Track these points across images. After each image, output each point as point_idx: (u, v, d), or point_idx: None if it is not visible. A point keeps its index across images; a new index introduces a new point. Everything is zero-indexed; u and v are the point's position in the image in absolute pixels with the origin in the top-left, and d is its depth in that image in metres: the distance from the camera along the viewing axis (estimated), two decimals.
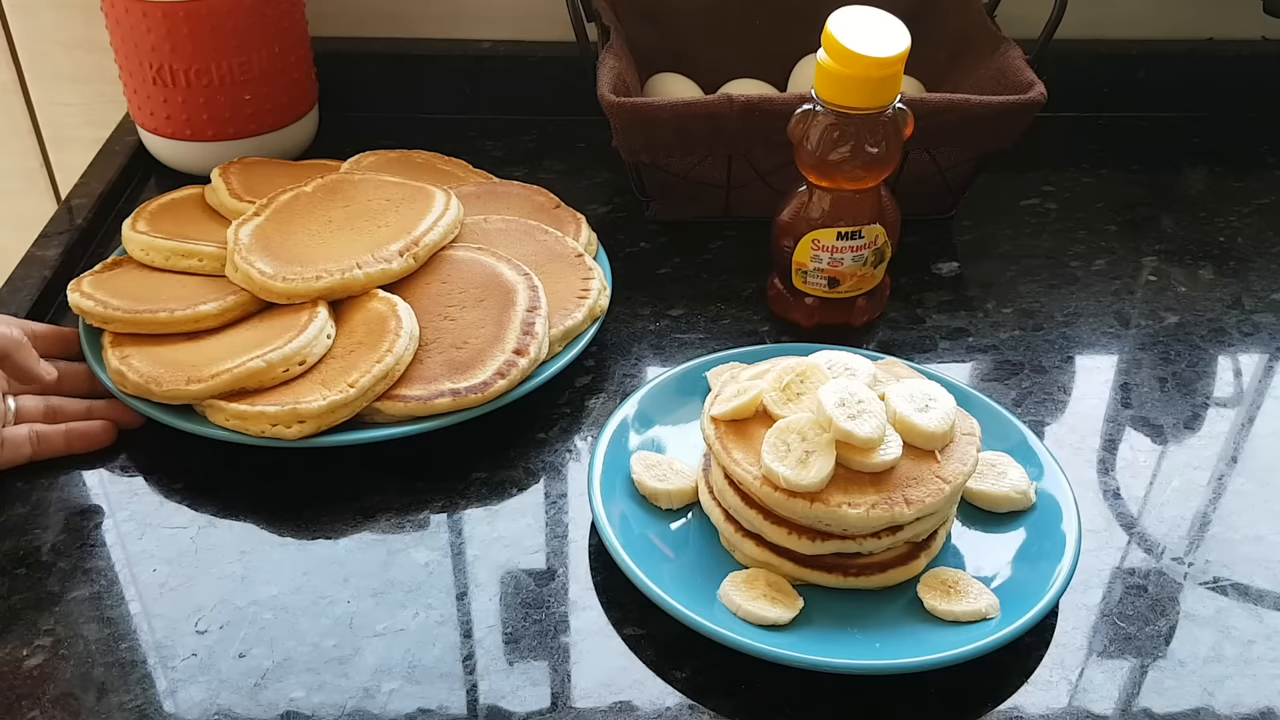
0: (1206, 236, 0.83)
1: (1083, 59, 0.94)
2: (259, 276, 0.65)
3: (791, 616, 0.52)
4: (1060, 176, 0.89)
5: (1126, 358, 0.71)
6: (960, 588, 0.53)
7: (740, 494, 0.54)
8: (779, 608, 0.52)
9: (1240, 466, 0.63)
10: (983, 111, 0.74)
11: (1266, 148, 0.94)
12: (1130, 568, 0.57)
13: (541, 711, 0.49)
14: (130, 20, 0.78)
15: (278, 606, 0.54)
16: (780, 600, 0.52)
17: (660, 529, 0.56)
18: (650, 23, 0.87)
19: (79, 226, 0.77)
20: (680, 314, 0.73)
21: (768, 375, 0.56)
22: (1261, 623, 0.54)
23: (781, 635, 0.51)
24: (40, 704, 0.49)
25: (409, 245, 0.67)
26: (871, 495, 0.51)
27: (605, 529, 0.54)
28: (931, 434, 0.53)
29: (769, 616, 0.51)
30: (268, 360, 0.60)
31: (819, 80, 0.65)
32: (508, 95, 0.93)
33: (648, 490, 0.58)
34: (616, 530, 0.54)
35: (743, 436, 0.54)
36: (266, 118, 0.83)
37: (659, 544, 0.55)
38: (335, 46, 0.91)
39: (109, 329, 0.65)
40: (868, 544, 0.52)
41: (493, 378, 0.61)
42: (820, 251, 0.68)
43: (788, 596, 0.52)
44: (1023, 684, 0.51)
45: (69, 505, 0.59)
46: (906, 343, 0.71)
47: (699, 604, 0.51)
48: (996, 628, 0.51)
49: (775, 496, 0.51)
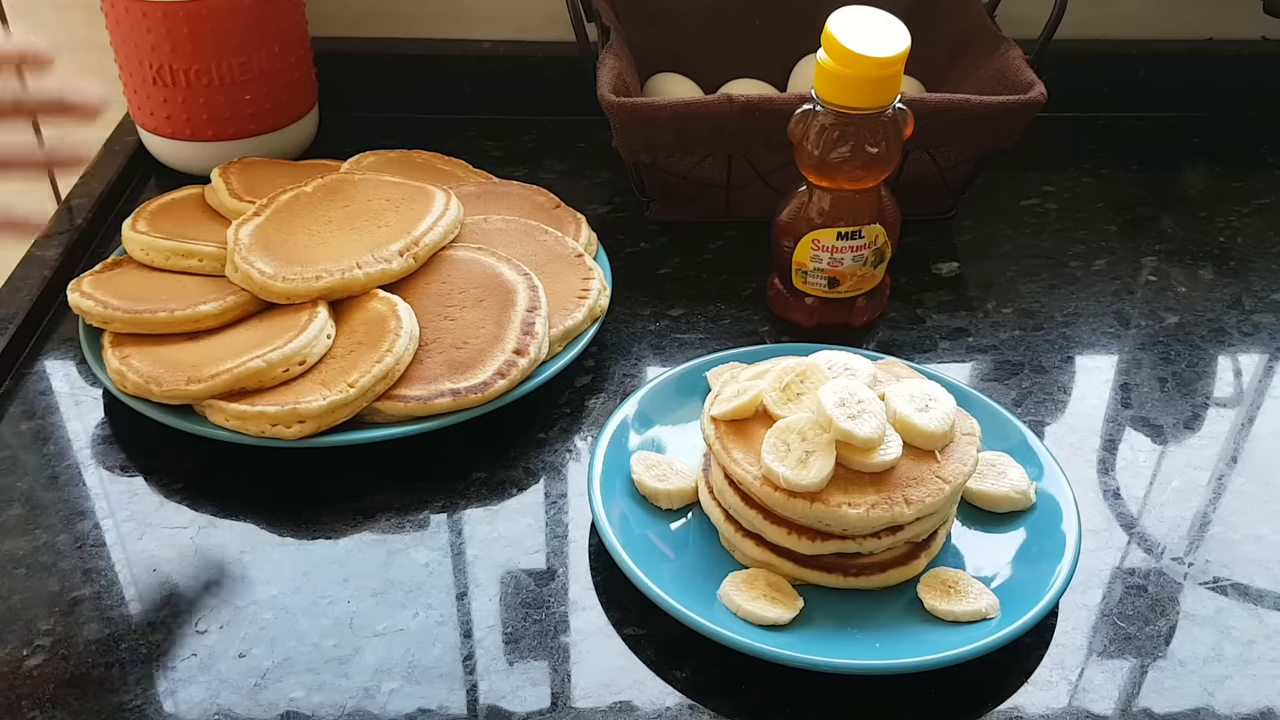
0: (1206, 236, 0.83)
1: (1083, 59, 0.94)
2: (259, 276, 0.65)
3: (791, 616, 0.52)
4: (1060, 176, 0.89)
5: (1126, 358, 0.71)
6: (960, 588, 0.53)
7: (740, 494, 0.54)
8: (779, 608, 0.52)
9: (1240, 466, 0.63)
10: (983, 111, 0.74)
11: (1266, 148, 0.94)
12: (1130, 568, 0.57)
13: (541, 711, 0.49)
14: (130, 20, 0.78)
15: (278, 606, 0.54)
16: (780, 600, 0.52)
17: (660, 529, 0.56)
18: (650, 23, 0.87)
19: (79, 226, 0.77)
20: (680, 314, 0.73)
21: (768, 375, 0.56)
22: (1261, 623, 0.54)
23: (781, 635, 0.51)
24: (40, 704, 0.49)
25: (409, 245, 0.67)
26: (871, 495, 0.51)
27: (605, 529, 0.54)
28: (931, 434, 0.53)
29: (769, 616, 0.51)
30: (268, 360, 0.60)
31: (819, 80, 0.65)
32: (508, 95, 0.93)
33: (648, 490, 0.58)
34: (616, 530, 0.54)
35: (743, 436, 0.54)
36: (266, 118, 0.83)
37: (659, 544, 0.55)
38: (335, 46, 0.91)
39: (109, 329, 0.65)
40: (868, 544, 0.52)
41: (493, 378, 0.61)
42: (820, 251, 0.68)
43: (788, 596, 0.52)
44: (1023, 684, 0.51)
45: (69, 505, 0.59)
46: (906, 343, 0.71)
47: (699, 604, 0.51)
48: (996, 628, 0.51)
49: (775, 496, 0.51)
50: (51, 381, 0.67)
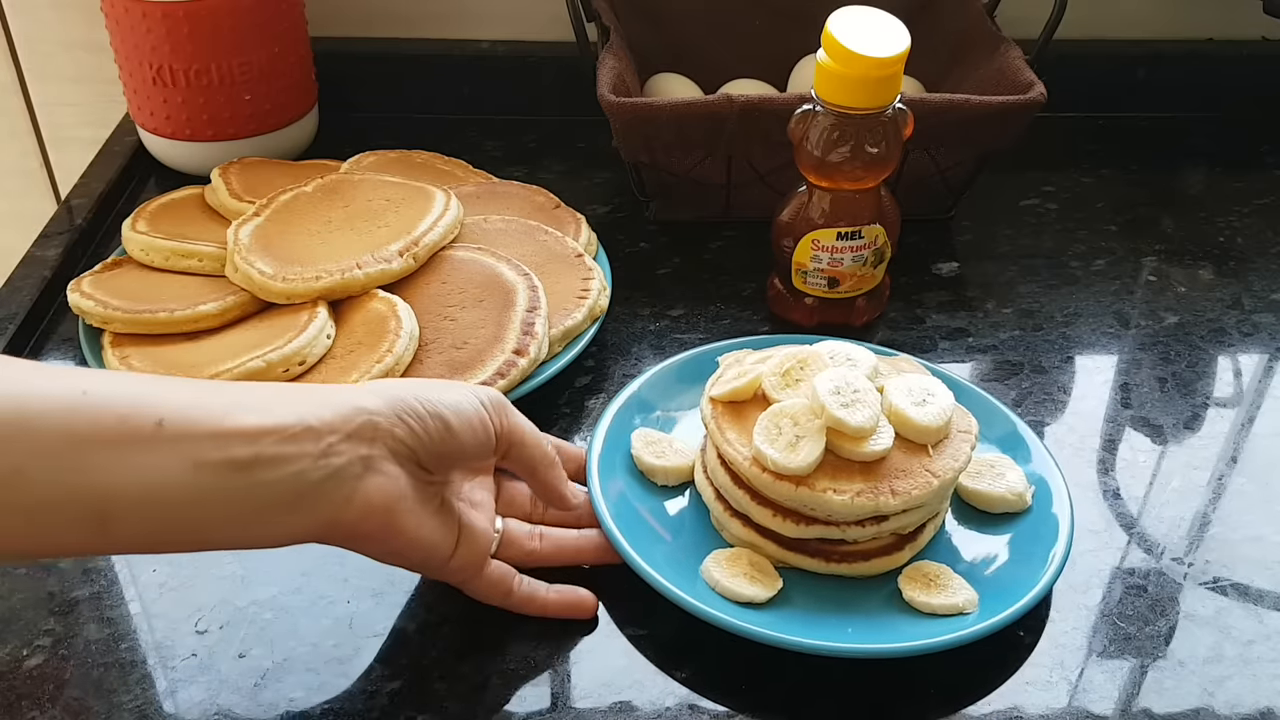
0: (1206, 236, 0.83)
1: (1083, 59, 0.94)
2: (259, 276, 0.65)
3: (769, 596, 0.52)
4: (1060, 176, 0.89)
5: (1126, 358, 0.71)
6: (941, 581, 0.53)
7: (730, 473, 0.54)
8: (756, 586, 0.52)
9: (1240, 466, 0.63)
10: (983, 111, 0.74)
11: (1266, 148, 0.94)
12: (1130, 568, 0.57)
13: (541, 711, 0.49)
14: (130, 20, 0.78)
15: (278, 606, 0.54)
16: (759, 580, 0.52)
17: (654, 505, 0.57)
18: (650, 23, 0.87)
19: (79, 226, 0.77)
20: (680, 314, 0.73)
21: (770, 360, 0.56)
22: (1261, 623, 0.54)
23: (754, 612, 0.51)
24: (40, 704, 0.49)
25: (409, 245, 0.67)
26: (858, 483, 0.51)
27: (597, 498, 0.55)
28: (925, 428, 0.53)
29: (745, 594, 0.51)
30: (268, 360, 0.60)
31: (819, 80, 0.65)
32: (508, 95, 0.93)
33: (645, 466, 0.58)
34: (610, 505, 0.55)
35: (739, 418, 0.54)
36: (266, 118, 0.83)
37: (650, 519, 0.56)
38: (335, 46, 0.91)
39: (109, 329, 0.65)
40: (851, 531, 0.52)
41: (492, 378, 0.61)
42: (820, 252, 0.68)
43: (767, 576, 0.53)
44: (1022, 684, 0.51)
45: None
46: (906, 343, 0.71)
47: (682, 580, 0.52)
48: (973, 622, 0.51)
49: (762, 478, 0.51)
50: None
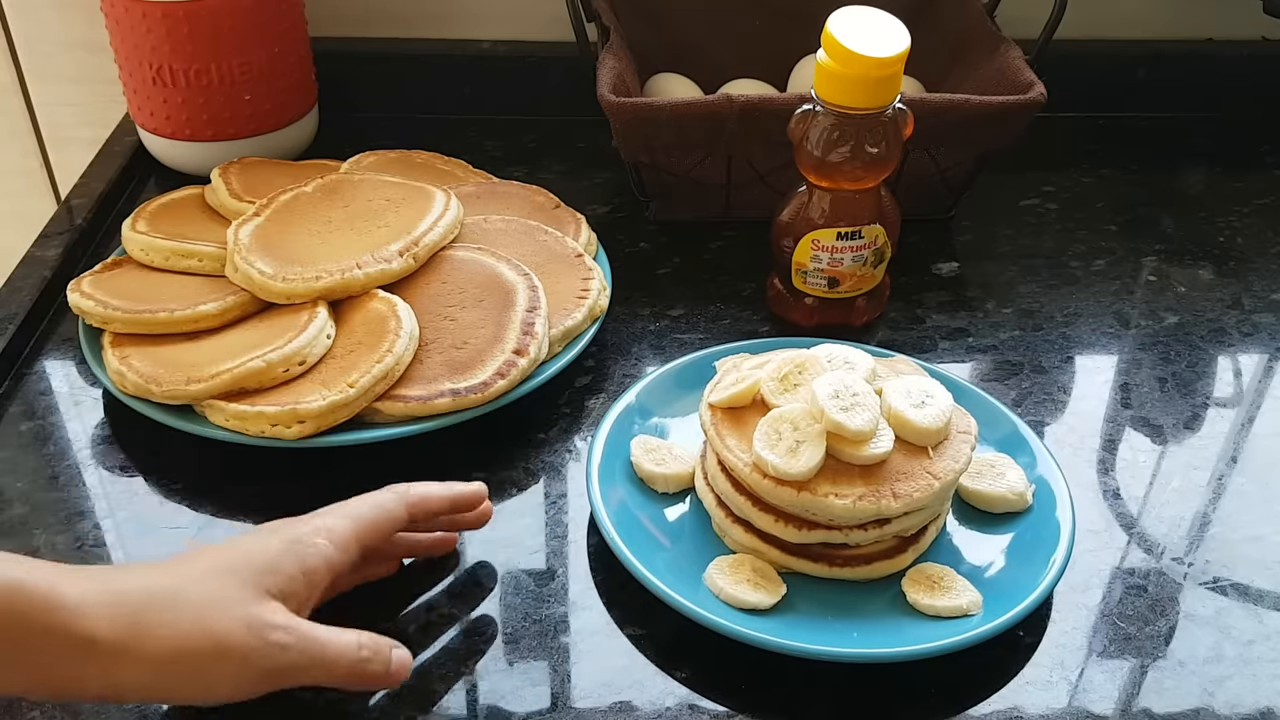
0: (1206, 236, 0.83)
1: (1083, 59, 0.94)
2: (259, 276, 0.65)
3: (773, 602, 0.52)
4: (1060, 176, 0.89)
5: (1126, 358, 0.71)
6: (945, 583, 0.53)
7: (731, 480, 0.54)
8: (760, 593, 0.52)
9: (1240, 466, 0.63)
10: (983, 111, 0.74)
11: (1266, 148, 0.94)
12: (1130, 568, 0.57)
13: (541, 711, 0.49)
14: (130, 20, 0.78)
15: None
16: (763, 586, 0.52)
17: (654, 512, 0.57)
18: (650, 23, 0.87)
19: (79, 226, 0.77)
20: (680, 314, 0.73)
21: (767, 365, 0.56)
22: (1261, 623, 0.54)
23: (759, 619, 0.51)
24: (40, 704, 0.49)
25: (409, 245, 0.67)
26: (860, 487, 0.51)
27: (599, 508, 0.55)
28: (925, 430, 0.53)
29: (749, 600, 0.51)
30: (268, 360, 0.60)
31: (819, 80, 0.65)
32: (508, 95, 0.93)
33: (645, 473, 0.58)
34: (612, 512, 0.55)
35: (738, 424, 0.54)
36: (266, 118, 0.83)
37: (650, 527, 0.56)
38: (335, 46, 0.91)
39: (109, 329, 0.65)
40: (854, 535, 0.52)
41: (492, 378, 0.61)
42: (820, 252, 0.68)
43: (771, 583, 0.53)
44: (1023, 684, 0.51)
45: (69, 505, 0.59)
46: (906, 343, 0.71)
47: (685, 587, 0.52)
48: (977, 624, 0.51)
49: (764, 484, 0.51)
50: (51, 382, 0.67)
